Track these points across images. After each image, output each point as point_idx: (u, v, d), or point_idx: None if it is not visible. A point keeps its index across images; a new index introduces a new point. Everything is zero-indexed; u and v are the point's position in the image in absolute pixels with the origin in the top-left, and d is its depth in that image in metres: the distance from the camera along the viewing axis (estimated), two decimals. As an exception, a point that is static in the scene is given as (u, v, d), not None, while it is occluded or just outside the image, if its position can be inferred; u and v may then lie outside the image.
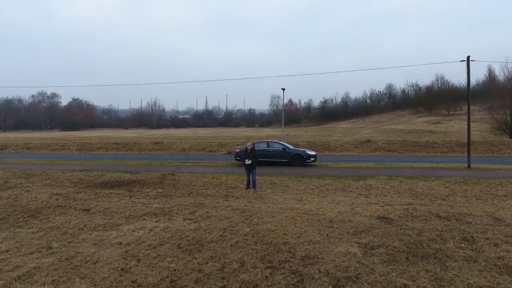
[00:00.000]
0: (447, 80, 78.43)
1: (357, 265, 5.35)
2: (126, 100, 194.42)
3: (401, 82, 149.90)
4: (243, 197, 10.43)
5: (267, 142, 18.84)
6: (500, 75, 49.81)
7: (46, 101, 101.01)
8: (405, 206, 9.09)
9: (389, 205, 9.26)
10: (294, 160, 17.67)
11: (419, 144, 28.23)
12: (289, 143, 23.74)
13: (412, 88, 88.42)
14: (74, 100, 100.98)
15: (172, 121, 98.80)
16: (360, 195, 10.65)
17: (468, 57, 16.84)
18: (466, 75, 18.07)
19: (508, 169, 16.60)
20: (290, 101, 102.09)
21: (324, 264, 5.47)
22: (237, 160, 18.30)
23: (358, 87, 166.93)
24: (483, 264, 5.40)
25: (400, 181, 13.04)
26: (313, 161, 17.95)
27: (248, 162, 11.17)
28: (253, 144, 12.58)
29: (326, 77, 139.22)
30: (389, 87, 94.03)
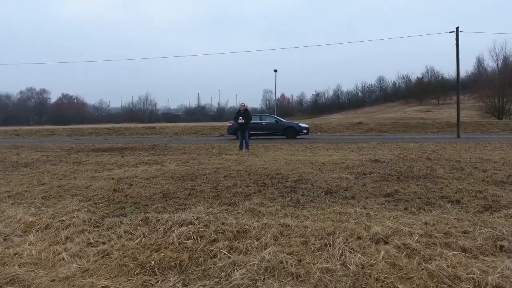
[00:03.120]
0: (437, 72, 79.13)
1: (349, 183, 5.41)
2: (117, 97, 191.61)
3: (392, 75, 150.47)
4: (236, 154, 10.45)
5: (260, 116, 18.87)
6: (488, 65, 50.56)
7: (35, 97, 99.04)
8: (396, 155, 9.22)
9: (381, 155, 9.37)
10: (287, 132, 17.73)
11: (410, 125, 28.53)
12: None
13: (403, 81, 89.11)
14: (64, 95, 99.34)
15: (164, 116, 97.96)
16: (352, 151, 10.75)
17: (457, 28, 17.07)
18: (455, 67, 18.25)
19: (497, 138, 16.92)
20: (283, 95, 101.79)
21: (317, 182, 5.52)
22: (230, 134, 18.26)
23: (350, 80, 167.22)
24: (472, 180, 5.51)
25: (391, 143, 13.21)
26: (305, 133, 18.05)
27: (241, 121, 11.15)
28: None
29: (319, 71, 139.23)
30: (380, 79, 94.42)
